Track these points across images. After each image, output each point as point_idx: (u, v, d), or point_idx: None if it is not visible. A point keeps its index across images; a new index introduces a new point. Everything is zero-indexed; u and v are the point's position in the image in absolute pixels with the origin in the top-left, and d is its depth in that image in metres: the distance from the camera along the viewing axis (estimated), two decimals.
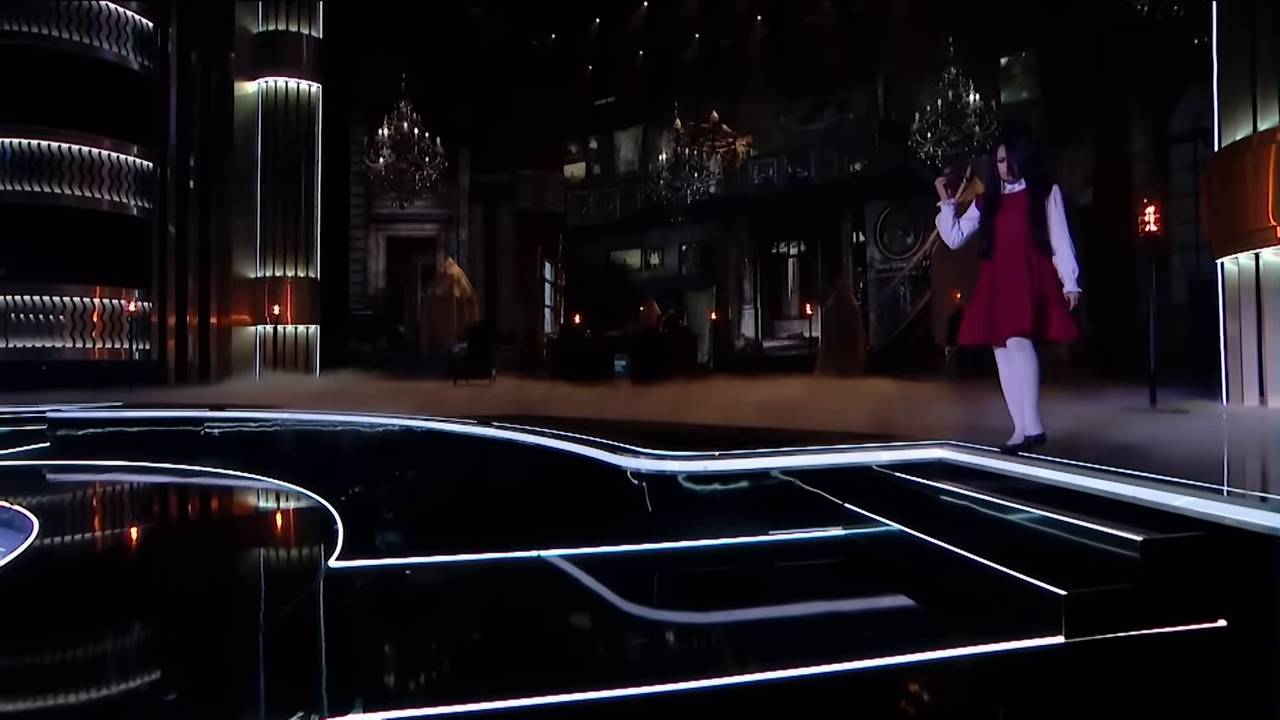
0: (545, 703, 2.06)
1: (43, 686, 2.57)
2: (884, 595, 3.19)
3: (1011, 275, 3.61)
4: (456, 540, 3.72)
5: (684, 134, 18.14)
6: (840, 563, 3.48)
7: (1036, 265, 3.57)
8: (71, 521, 5.14)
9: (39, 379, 13.42)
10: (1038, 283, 3.55)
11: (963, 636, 2.44)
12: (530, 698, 2.07)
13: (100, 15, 15.18)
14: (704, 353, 17.19)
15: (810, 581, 3.30)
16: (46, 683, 2.61)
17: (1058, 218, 3.58)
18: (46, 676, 2.65)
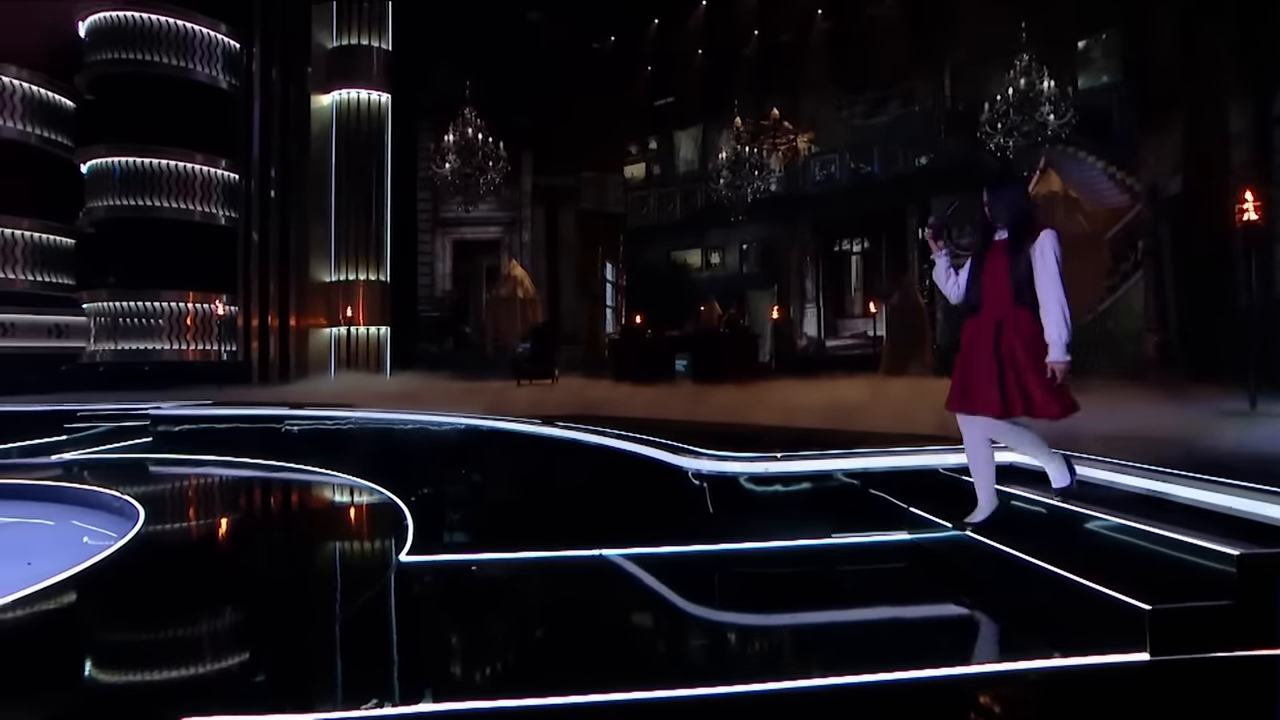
0: (605, 700, 2.09)
1: (151, 660, 2.79)
2: (951, 602, 3.10)
3: (982, 345, 3.20)
4: (521, 538, 3.81)
5: (744, 132, 18.00)
6: (905, 568, 3.40)
7: (1012, 331, 3.13)
8: (172, 511, 5.48)
9: (142, 378, 14.48)
10: (1010, 353, 3.11)
11: (1036, 649, 2.35)
12: (590, 695, 2.11)
13: (195, 39, 16.28)
14: (765, 352, 17.01)
15: (874, 586, 3.23)
16: (154, 656, 2.82)
17: (1044, 271, 3.09)
18: (153, 651, 2.87)
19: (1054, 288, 3.08)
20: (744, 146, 17.66)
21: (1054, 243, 3.13)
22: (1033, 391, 3.09)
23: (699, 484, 3.99)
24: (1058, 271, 3.09)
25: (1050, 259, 3.10)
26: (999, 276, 3.19)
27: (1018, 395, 3.10)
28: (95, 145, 15.99)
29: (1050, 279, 3.09)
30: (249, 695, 2.28)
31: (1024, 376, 3.10)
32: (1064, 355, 3.07)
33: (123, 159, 15.79)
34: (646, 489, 4.71)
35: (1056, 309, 3.06)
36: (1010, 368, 3.11)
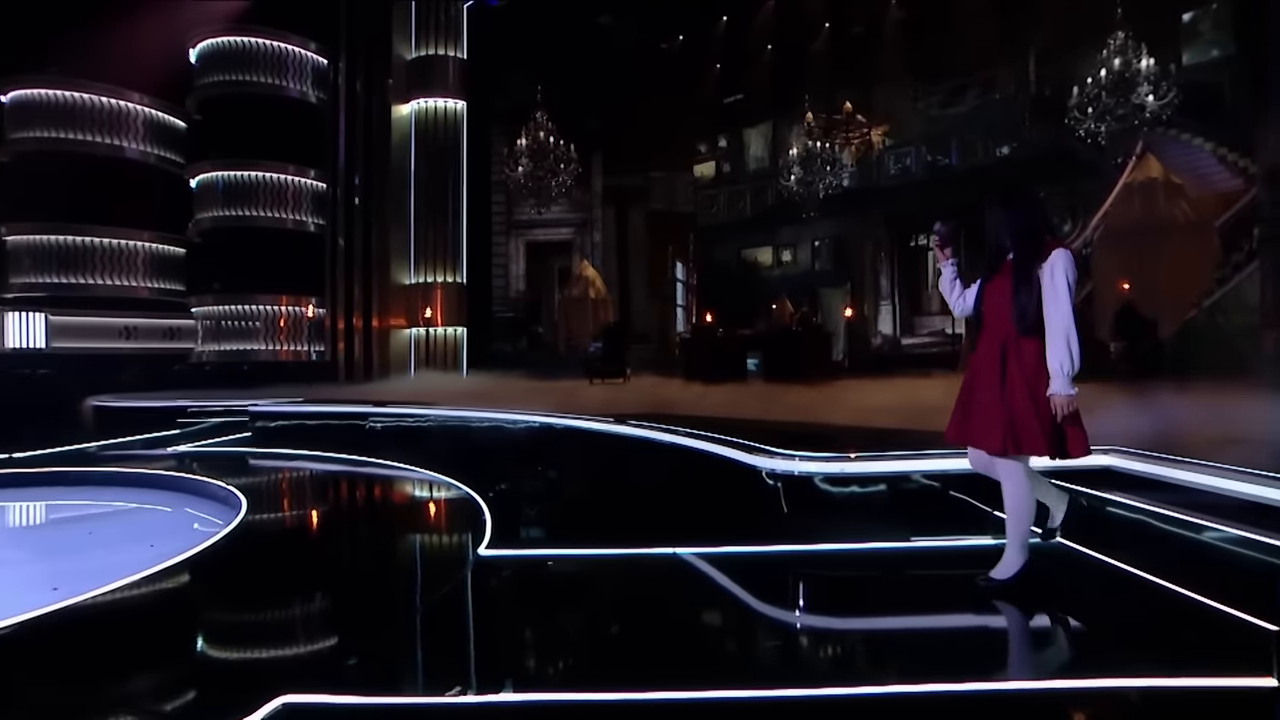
0: (673, 698, 2.12)
1: (253, 639, 3.01)
2: (1040, 612, 2.95)
3: (986, 372, 2.96)
4: (596, 534, 3.88)
5: (815, 127, 17.67)
6: None
7: (1015, 359, 2.87)
8: (269, 501, 5.83)
9: (242, 377, 15.51)
10: (1014, 384, 2.85)
11: (1137, 666, 2.22)
12: (659, 692, 2.13)
13: (288, 58, 17.38)
14: (839, 351, 16.66)
15: (956, 592, 3.10)
16: (256, 636, 3.04)
17: (1050, 295, 2.81)
18: (255, 631, 3.09)
19: (1061, 313, 2.80)
20: (815, 142, 17.34)
21: (1066, 264, 2.84)
22: (1022, 428, 2.83)
23: (773, 484, 3.96)
24: (1067, 295, 2.81)
25: (1060, 282, 2.82)
26: (1001, 299, 2.94)
27: (1009, 431, 2.85)
28: (202, 161, 17.26)
29: (1057, 303, 2.81)
30: (342, 677, 2.39)
31: (1019, 410, 2.83)
32: (1066, 389, 2.77)
33: (225, 173, 17.03)
34: (720, 488, 4.71)
35: (1060, 337, 2.78)
36: (1011, 399, 2.85)
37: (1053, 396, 2.77)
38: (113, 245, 17.18)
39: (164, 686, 2.50)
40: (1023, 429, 2.82)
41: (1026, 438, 2.82)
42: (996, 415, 2.85)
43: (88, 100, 16.90)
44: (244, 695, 2.10)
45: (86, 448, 8.38)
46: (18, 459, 7.32)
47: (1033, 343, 2.83)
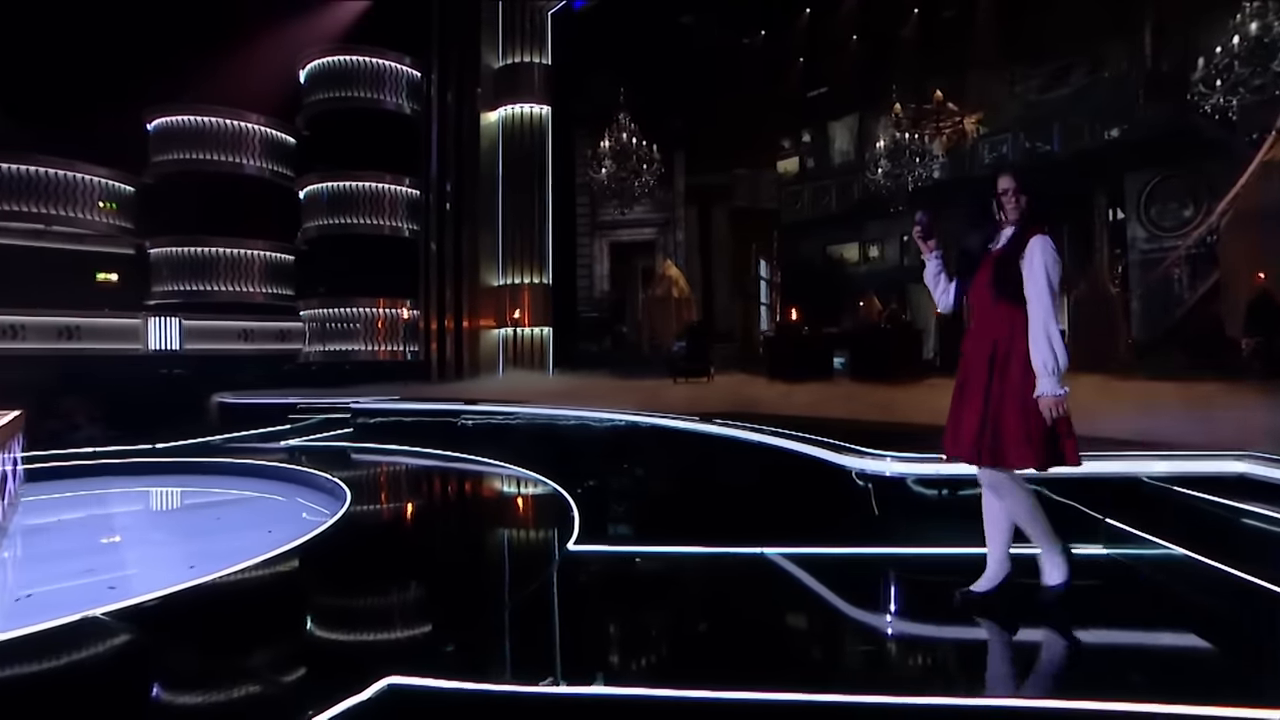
0: (759, 699, 2.12)
1: (357, 621, 3.20)
2: (1160, 629, 2.76)
3: (974, 374, 2.71)
4: (682, 532, 3.91)
5: (903, 118, 17.07)
6: (1100, 586, 3.10)
7: (1003, 358, 2.62)
8: (370, 493, 6.17)
9: (343, 376, 16.53)
10: (1003, 391, 2.61)
11: (1272, 694, 2.05)
12: (744, 692, 2.14)
13: (385, 73, 18.46)
14: (930, 349, 16.05)
15: (1060, 603, 2.94)
16: (360, 619, 3.24)
17: (1030, 285, 2.57)
18: (359, 614, 3.30)
19: (1041, 306, 2.55)
20: (904, 133, 16.75)
21: (1044, 251, 2.58)
22: (1005, 434, 2.57)
23: (863, 485, 3.87)
24: (1047, 286, 2.56)
25: (1039, 270, 2.57)
26: (986, 290, 2.71)
27: (989, 438, 2.61)
28: (310, 174, 18.55)
29: (1037, 295, 2.56)
30: (441, 662, 2.51)
31: (1002, 416, 2.58)
32: (1054, 389, 2.52)
33: (329, 184, 18.24)
34: (808, 488, 4.64)
35: (1041, 331, 2.54)
36: (995, 403, 2.61)
37: (1039, 398, 2.54)
38: (233, 254, 18.70)
39: (282, 660, 2.72)
40: (1008, 439, 2.58)
41: (1012, 449, 2.58)
42: (976, 425, 2.65)
43: (214, 123, 18.48)
44: (353, 674, 2.25)
45: (213, 440, 9.13)
46: (159, 449, 8.07)
47: (1024, 344, 2.59)
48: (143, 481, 6.85)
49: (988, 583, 2.83)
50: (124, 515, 5.71)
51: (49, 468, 6.82)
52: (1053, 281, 2.57)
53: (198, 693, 2.45)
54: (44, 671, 2.61)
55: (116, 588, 3.59)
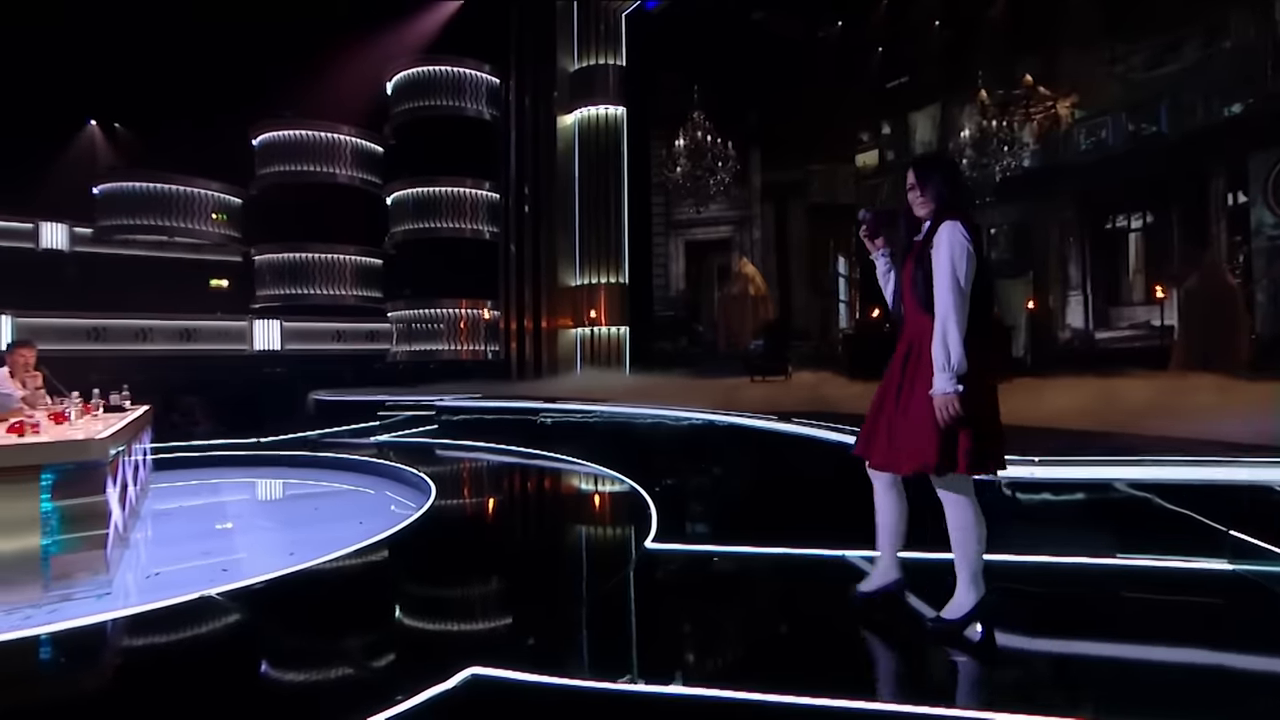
0: (835, 706, 2.09)
1: (444, 611, 3.34)
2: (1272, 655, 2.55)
3: (890, 373, 2.61)
4: (760, 532, 3.88)
5: (990, 105, 16.30)
6: (1223, 604, 2.87)
7: (916, 360, 2.48)
8: (454, 488, 6.39)
9: (428, 374, 17.24)
10: (906, 388, 2.49)
11: None
12: (820, 699, 2.11)
13: (466, 81, 19.15)
14: (1019, 346, 15.30)
15: (1173, 621, 2.76)
16: (445, 610, 3.38)
17: (936, 274, 2.40)
18: (444, 605, 3.44)
19: (945, 295, 2.37)
20: (990, 121, 16.00)
21: (950, 238, 2.39)
22: (902, 435, 2.43)
23: None
24: (950, 273, 2.36)
25: (943, 259, 2.39)
26: (908, 288, 2.57)
27: (883, 439, 2.49)
28: (396, 181, 19.44)
29: (942, 283, 2.38)
30: (522, 655, 2.57)
31: (910, 419, 2.44)
32: (946, 386, 2.34)
33: (414, 190, 19.06)
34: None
35: (939, 325, 2.37)
36: (906, 407, 2.48)
37: (932, 396, 2.37)
38: (327, 259, 19.81)
39: (372, 645, 2.87)
40: (902, 440, 2.44)
41: (905, 451, 2.44)
42: (881, 425, 2.55)
43: (311, 136, 19.65)
44: (438, 663, 2.35)
45: (310, 435, 9.67)
46: (263, 443, 8.64)
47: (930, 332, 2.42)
48: (250, 473, 7.35)
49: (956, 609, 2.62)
50: (234, 503, 6.14)
51: (171, 458, 7.42)
52: (959, 271, 2.38)
53: (295, 670, 2.63)
54: (167, 642, 2.88)
55: (228, 570, 3.88)
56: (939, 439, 2.40)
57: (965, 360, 2.35)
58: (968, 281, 2.39)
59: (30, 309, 16.84)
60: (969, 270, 2.39)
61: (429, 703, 2.17)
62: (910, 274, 2.56)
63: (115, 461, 3.94)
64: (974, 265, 2.40)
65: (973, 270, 2.40)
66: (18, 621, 3.10)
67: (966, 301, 2.38)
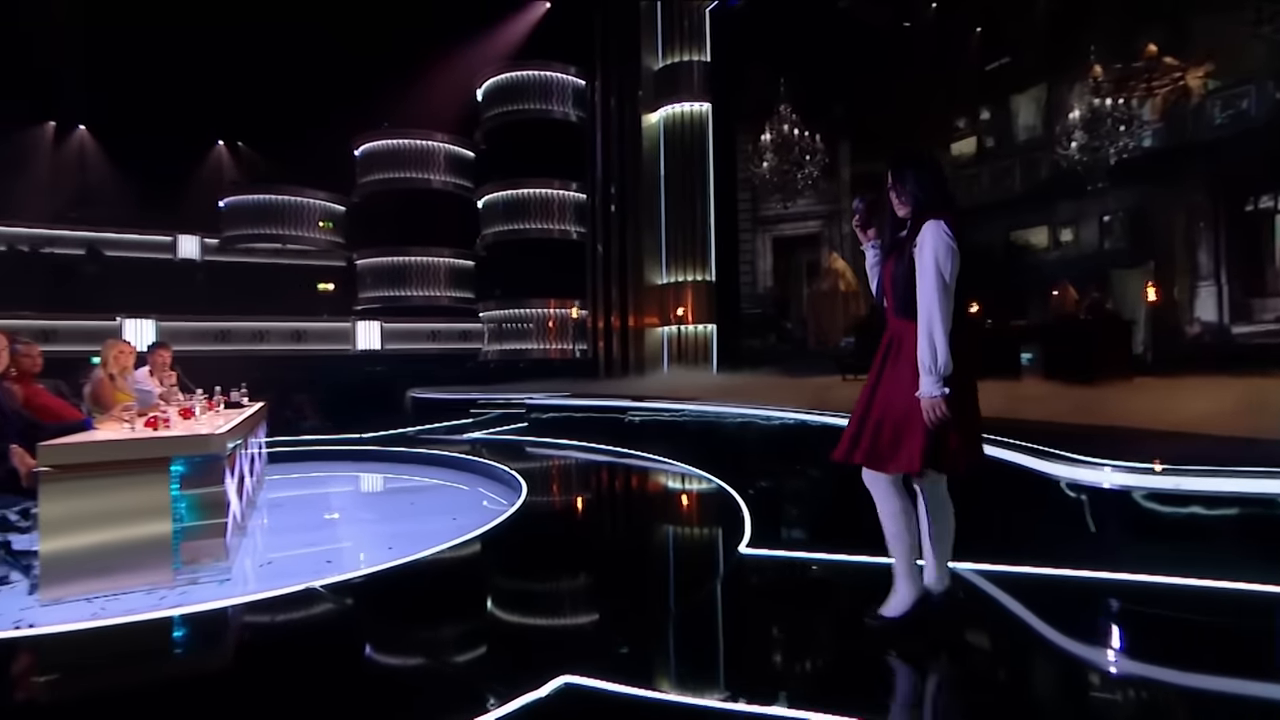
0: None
1: (536, 614, 3.34)
2: None
3: (871, 371, 2.58)
4: (860, 539, 3.68)
5: (1105, 81, 15.10)
6: None
7: (894, 357, 2.47)
8: (544, 486, 6.46)
9: (518, 373, 17.69)
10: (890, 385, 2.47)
11: None
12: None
13: (553, 84, 19.55)
14: (1140, 342, 14.13)
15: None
16: (538, 612, 3.37)
17: (920, 274, 2.37)
18: (537, 607, 3.43)
19: (929, 295, 2.34)
20: (1104, 98, 14.82)
21: (935, 238, 2.36)
22: (884, 435, 2.43)
23: (1076, 496, 3.43)
24: (934, 274, 2.34)
25: (927, 259, 2.36)
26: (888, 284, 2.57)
27: (867, 439, 2.47)
28: (487, 184, 20.06)
29: (926, 284, 2.36)
30: (615, 664, 2.48)
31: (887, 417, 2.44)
32: (930, 389, 2.33)
33: (504, 192, 19.62)
34: (1004, 497, 4.20)
35: (924, 326, 2.35)
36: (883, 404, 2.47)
37: (919, 398, 2.35)
38: (423, 262, 20.71)
39: (465, 646, 2.90)
40: (885, 441, 2.42)
41: (888, 452, 2.42)
42: (856, 423, 2.53)
43: (407, 144, 20.61)
44: (530, 669, 2.33)
45: (408, 431, 10.06)
46: (365, 438, 9.05)
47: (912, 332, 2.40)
48: (352, 467, 7.70)
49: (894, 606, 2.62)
50: (338, 496, 6.43)
51: (284, 451, 7.88)
52: (943, 271, 2.36)
53: (390, 666, 2.68)
54: (270, 631, 3.02)
55: (332, 561, 4.04)
56: (923, 439, 2.39)
57: (951, 362, 2.33)
58: (953, 280, 2.38)
59: (169, 313, 18.52)
60: (954, 270, 2.38)
61: (522, 710, 2.15)
62: (891, 272, 2.56)
63: (233, 455, 4.17)
64: (957, 263, 2.39)
65: (957, 269, 2.39)
66: (154, 601, 3.34)
67: (951, 301, 2.36)
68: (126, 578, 3.46)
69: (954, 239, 2.41)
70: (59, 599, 3.34)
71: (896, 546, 2.64)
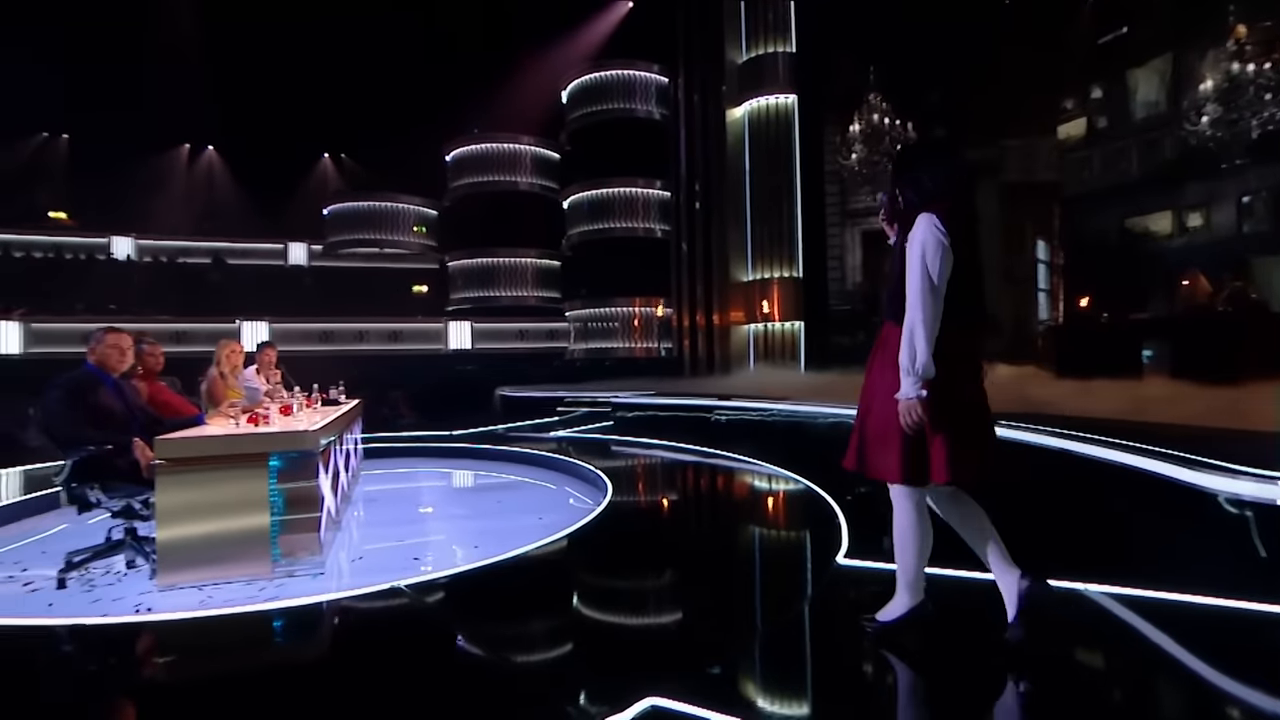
0: None
1: (620, 625, 3.21)
2: None
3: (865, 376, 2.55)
4: (971, 555, 3.37)
5: (1247, 44, 13.65)
6: None
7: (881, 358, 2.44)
8: (629, 486, 6.36)
9: (604, 372, 17.81)
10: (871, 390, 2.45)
11: None
12: None
13: (636, 83, 19.59)
14: None
15: None
16: (623, 622, 3.24)
17: (908, 272, 2.29)
18: (622, 616, 3.31)
19: (915, 294, 2.27)
20: (1247, 64, 13.40)
21: (927, 232, 2.28)
22: (871, 440, 2.40)
23: (1238, 513, 3.00)
24: (922, 271, 2.26)
25: (914, 254, 2.29)
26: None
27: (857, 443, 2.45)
28: (572, 185, 20.33)
29: (913, 282, 2.28)
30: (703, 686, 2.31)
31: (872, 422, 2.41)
32: (909, 391, 2.26)
33: (588, 192, 19.81)
34: (1141, 511, 3.77)
35: (907, 325, 2.28)
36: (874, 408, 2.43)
37: (898, 400, 2.29)
38: (510, 263, 21.22)
39: (547, 656, 2.81)
40: (873, 446, 2.38)
41: (874, 458, 2.39)
42: (860, 416, 2.50)
43: (495, 149, 21.19)
44: (615, 687, 2.21)
45: (497, 429, 10.24)
46: (455, 435, 9.26)
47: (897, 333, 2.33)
48: (443, 463, 7.87)
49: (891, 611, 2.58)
50: (429, 492, 6.57)
51: (379, 447, 8.15)
52: (930, 267, 2.26)
53: (470, 675, 2.60)
54: (353, 631, 3.03)
55: (419, 559, 4.07)
56: (904, 445, 2.32)
57: (932, 364, 2.24)
58: (941, 279, 2.27)
59: (280, 316, 19.87)
60: (943, 267, 2.28)
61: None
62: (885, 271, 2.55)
63: (327, 451, 4.28)
64: (948, 260, 2.28)
65: (947, 266, 2.28)
66: (252, 592, 3.44)
67: (939, 301, 2.26)
68: (230, 567, 3.59)
69: (946, 234, 2.29)
70: (173, 585, 3.49)
71: (901, 553, 2.56)
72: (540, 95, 20.77)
